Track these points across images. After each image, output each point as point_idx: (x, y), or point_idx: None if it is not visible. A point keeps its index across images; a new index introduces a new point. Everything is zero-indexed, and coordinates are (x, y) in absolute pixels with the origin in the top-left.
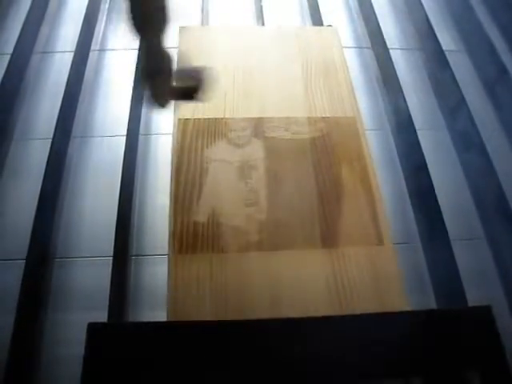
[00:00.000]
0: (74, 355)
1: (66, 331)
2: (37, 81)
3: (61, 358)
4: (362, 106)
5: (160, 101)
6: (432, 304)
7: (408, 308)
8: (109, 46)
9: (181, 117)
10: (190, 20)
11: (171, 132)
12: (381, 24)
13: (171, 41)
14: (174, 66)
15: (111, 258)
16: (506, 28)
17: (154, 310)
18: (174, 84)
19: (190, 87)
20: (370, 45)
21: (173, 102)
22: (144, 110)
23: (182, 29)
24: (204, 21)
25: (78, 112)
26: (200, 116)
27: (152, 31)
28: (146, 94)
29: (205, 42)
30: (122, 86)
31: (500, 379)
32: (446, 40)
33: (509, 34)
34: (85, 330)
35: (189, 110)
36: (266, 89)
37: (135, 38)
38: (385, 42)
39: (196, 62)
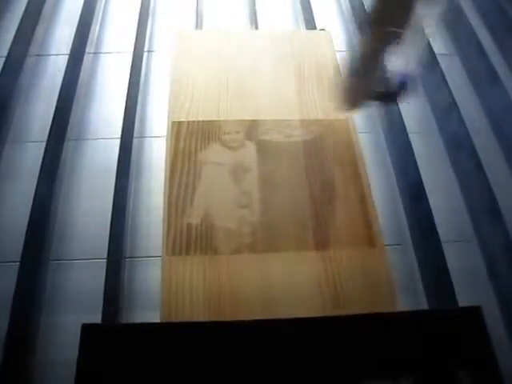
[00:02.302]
0: (68, 357)
1: (60, 333)
2: (31, 83)
3: (55, 360)
4: None
5: (356, 101)
6: (423, 305)
7: (399, 309)
8: (104, 49)
9: (174, 119)
10: (184, 23)
11: (165, 135)
12: None
13: (165, 45)
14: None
15: (105, 260)
16: (497, 31)
17: (147, 311)
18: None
19: (391, 92)
20: None
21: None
22: (138, 113)
23: (176, 32)
24: (198, 24)
25: (72, 115)
26: (194, 119)
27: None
28: (345, 92)
29: (199, 45)
30: (117, 89)
31: (489, 379)
32: (438, 43)
33: (500, 37)
34: (79, 332)
35: (183, 112)
36: (259, 92)
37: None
38: None
39: (190, 65)
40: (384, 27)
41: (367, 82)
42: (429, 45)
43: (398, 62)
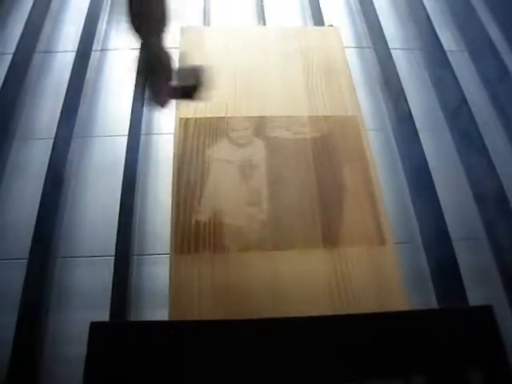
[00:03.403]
0: (76, 354)
1: (68, 330)
2: (38, 80)
3: (63, 357)
4: (363, 105)
5: (160, 100)
6: (433, 303)
7: (409, 307)
8: (111, 46)
9: (182, 116)
10: (192, 20)
11: (173, 132)
12: (382, 24)
13: (172, 41)
14: (174, 66)
15: (113, 257)
16: (507, 28)
17: (155, 309)
18: (174, 83)
19: (190, 86)
20: (371, 45)
21: (173, 102)
22: (146, 110)
23: (183, 29)
24: (206, 21)
25: (79, 112)
26: (202, 115)
27: (151, 31)
28: (146, 93)
29: (206, 42)
30: (124, 86)
31: (501, 379)
32: (448, 40)
33: (510, 34)
34: (87, 329)
35: (190, 109)
36: (267, 88)
37: (135, 37)
38: (386, 42)
39: (197, 62)
40: (144, 27)
41: (163, 80)
42: (438, 42)
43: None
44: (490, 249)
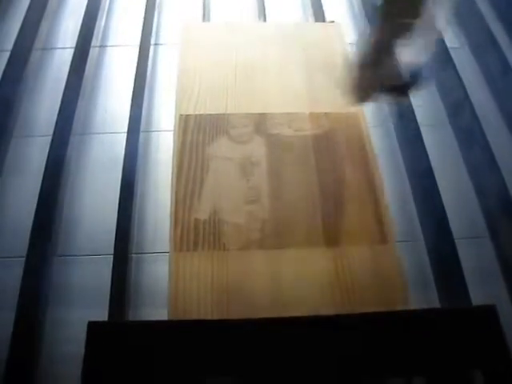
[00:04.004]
0: (74, 354)
1: (66, 329)
2: (37, 77)
3: (61, 357)
4: None
5: (365, 93)
6: (435, 303)
7: (411, 307)
8: (110, 43)
9: (182, 112)
10: (191, 16)
11: (172, 129)
12: None
13: (172, 37)
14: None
15: (111, 255)
16: (509, 24)
17: (154, 308)
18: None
19: (402, 84)
20: None
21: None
22: (145, 106)
23: (183, 25)
24: (205, 17)
25: (78, 109)
26: (201, 112)
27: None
28: (354, 83)
29: (206, 38)
30: (123, 83)
31: (504, 379)
32: (450, 36)
33: None
34: (85, 329)
35: (190, 105)
36: (267, 85)
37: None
38: None
39: (198, 58)
40: (396, 19)
41: (378, 74)
42: (441, 38)
43: (410, 54)
44: (493, 247)
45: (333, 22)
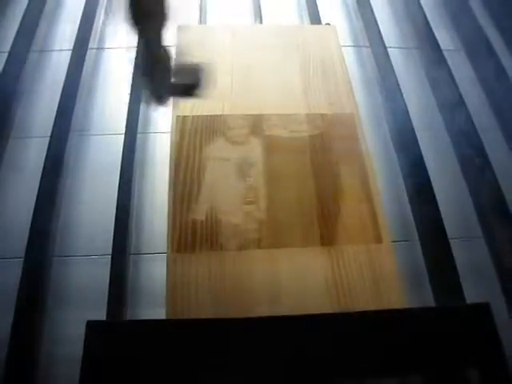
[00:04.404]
0: (72, 353)
1: (65, 329)
2: (34, 79)
3: (59, 357)
4: (360, 104)
5: (158, 97)
6: (430, 302)
7: (406, 306)
8: (107, 45)
9: (179, 114)
10: (189, 19)
11: (169, 130)
12: (379, 23)
13: (170, 39)
14: (173, 63)
15: (110, 256)
16: (504, 27)
17: (152, 308)
18: (173, 81)
19: (189, 84)
20: (368, 43)
21: (171, 99)
22: (142, 108)
23: (180, 27)
24: (202, 19)
25: (75, 110)
26: (198, 113)
27: (151, 28)
28: (145, 90)
29: (203, 41)
30: (120, 84)
31: (498, 376)
32: (444, 39)
33: (507, 33)
34: (83, 329)
35: (187, 107)
36: (264, 86)
37: (134, 34)
38: (383, 41)
39: (194, 60)
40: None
41: (162, 77)
42: (435, 41)
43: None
44: (487, 247)
45: (328, 24)
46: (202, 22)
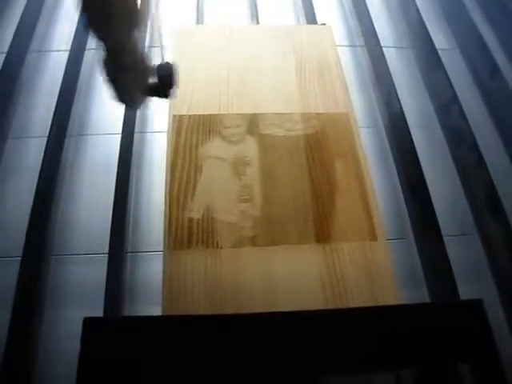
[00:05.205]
0: (70, 351)
1: (62, 327)
2: (32, 79)
3: (57, 354)
4: (356, 103)
5: (129, 97)
6: (425, 298)
7: (401, 302)
8: None
9: (175, 113)
10: (185, 19)
11: (166, 130)
12: (374, 22)
13: (166, 40)
14: (145, 63)
15: (107, 254)
16: (498, 26)
17: (149, 305)
18: (145, 82)
19: (157, 83)
20: (363, 43)
21: (144, 99)
22: (139, 109)
23: (176, 27)
24: (198, 19)
25: (73, 110)
26: (195, 112)
27: (114, 30)
28: (115, 91)
29: (200, 40)
30: None
31: (491, 372)
32: (439, 38)
33: (501, 32)
34: (81, 326)
35: (184, 106)
36: (260, 86)
37: (96, 38)
38: (378, 41)
39: (191, 60)
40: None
41: (135, 77)
42: (430, 40)
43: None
44: (481, 244)
45: (324, 24)
46: (199, 22)
